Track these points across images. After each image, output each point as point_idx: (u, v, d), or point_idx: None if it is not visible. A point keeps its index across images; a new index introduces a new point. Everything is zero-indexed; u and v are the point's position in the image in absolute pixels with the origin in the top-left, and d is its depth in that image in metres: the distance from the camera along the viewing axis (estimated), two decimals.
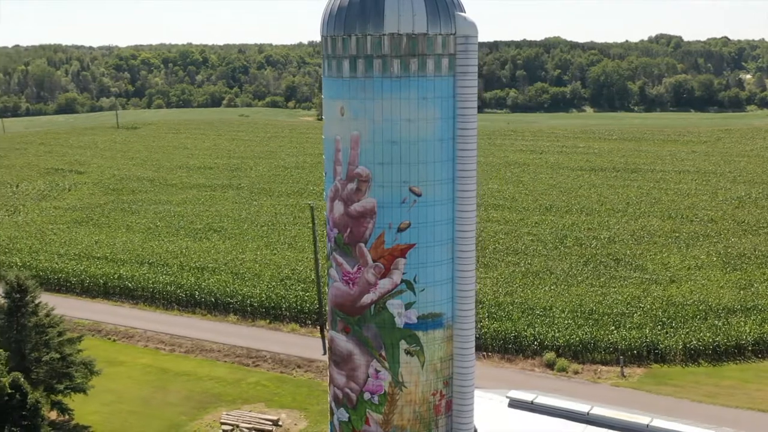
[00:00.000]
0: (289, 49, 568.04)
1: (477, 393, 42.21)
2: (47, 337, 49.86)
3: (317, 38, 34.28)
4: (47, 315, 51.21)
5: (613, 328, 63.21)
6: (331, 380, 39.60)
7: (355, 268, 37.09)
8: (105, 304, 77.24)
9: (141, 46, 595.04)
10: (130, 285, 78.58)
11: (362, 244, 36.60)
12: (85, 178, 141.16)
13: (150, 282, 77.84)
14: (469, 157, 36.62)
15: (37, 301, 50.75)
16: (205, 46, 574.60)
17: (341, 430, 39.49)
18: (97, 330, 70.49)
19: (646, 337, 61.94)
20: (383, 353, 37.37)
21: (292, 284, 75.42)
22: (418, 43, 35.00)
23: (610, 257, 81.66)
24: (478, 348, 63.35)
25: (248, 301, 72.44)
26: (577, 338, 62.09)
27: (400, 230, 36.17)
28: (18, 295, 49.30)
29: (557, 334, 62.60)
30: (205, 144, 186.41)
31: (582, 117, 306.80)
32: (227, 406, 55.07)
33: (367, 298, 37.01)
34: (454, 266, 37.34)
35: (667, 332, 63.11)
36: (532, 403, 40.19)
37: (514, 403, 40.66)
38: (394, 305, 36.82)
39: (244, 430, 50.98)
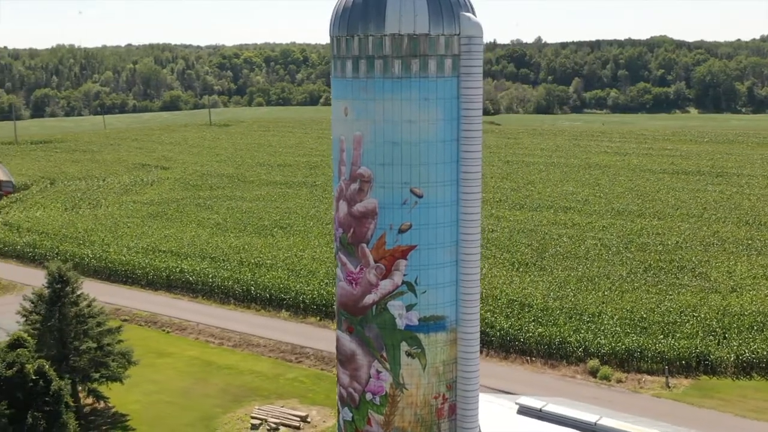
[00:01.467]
0: None
1: (486, 398, 41.82)
2: (86, 327, 51.71)
3: None
4: (88, 305, 53.09)
5: (662, 336, 61.29)
6: (338, 379, 39.82)
7: (358, 269, 37.19)
8: (166, 296, 79.42)
9: (246, 45, 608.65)
10: (191, 279, 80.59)
11: (364, 245, 36.67)
12: (169, 173, 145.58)
13: (209, 276, 79.64)
14: (473, 159, 36.18)
15: (78, 292, 52.67)
16: (307, 45, 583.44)
17: (345, 429, 39.67)
18: (153, 321, 72.61)
19: (697, 348, 59.81)
20: (384, 354, 37.36)
21: None
22: (420, 44, 34.80)
23: (673, 264, 79.11)
24: (522, 353, 62.72)
25: (300, 298, 73.28)
26: (624, 346, 60.44)
27: (401, 231, 36.08)
28: (59, 286, 51.31)
29: (603, 341, 61.11)
30: (291, 142, 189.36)
31: (683, 118, 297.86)
32: (262, 400, 55.93)
33: (369, 299, 37.05)
34: (458, 269, 37.08)
35: (719, 343, 60.80)
36: (540, 410, 39.42)
37: (523, 410, 39.95)
38: (395, 306, 36.75)
39: (272, 424, 51.69)
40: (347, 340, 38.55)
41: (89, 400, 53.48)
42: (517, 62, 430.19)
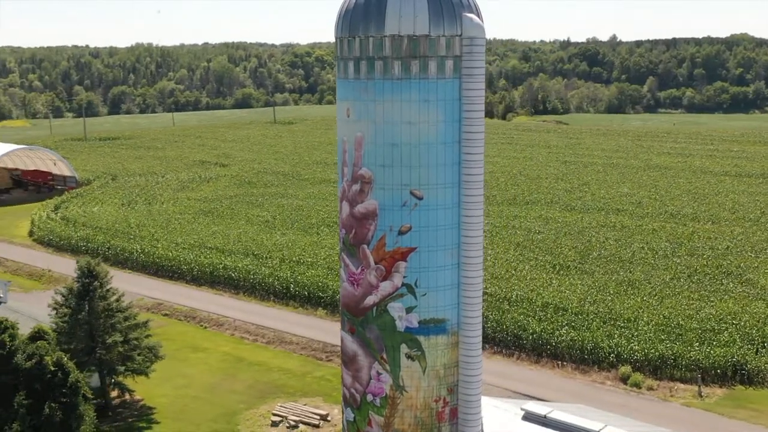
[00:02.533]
0: None
1: (492, 402, 41.42)
2: (114, 321, 52.86)
3: (487, 35, 33.96)
4: (117, 300, 54.27)
5: (697, 344, 59.63)
6: (342, 380, 39.89)
7: (359, 269, 37.25)
8: (208, 292, 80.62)
9: (319, 44, 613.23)
10: (233, 275, 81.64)
11: (365, 246, 36.71)
12: (226, 171, 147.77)
13: (251, 273, 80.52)
14: (475, 161, 35.98)
15: (107, 287, 53.88)
16: None
17: (348, 429, 39.75)
18: (192, 317, 73.81)
19: (733, 356, 58.05)
20: (384, 356, 37.32)
21: None
22: (420, 45, 34.64)
23: (720, 269, 76.87)
24: (554, 357, 61.79)
25: (337, 297, 73.45)
26: (657, 353, 59.01)
27: (401, 233, 36.00)
28: (87, 280, 52.60)
29: (636, 347, 59.79)
30: None
31: (761, 119, 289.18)
32: (286, 397, 56.33)
33: (370, 300, 37.10)
34: (460, 272, 36.76)
35: (757, 352, 58.89)
36: (545, 417, 38.83)
37: (528, 416, 39.39)
38: (395, 308, 36.70)
39: (292, 422, 52.05)
40: (349, 341, 38.63)
41: (114, 393, 54.71)
42: (590, 61, 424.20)
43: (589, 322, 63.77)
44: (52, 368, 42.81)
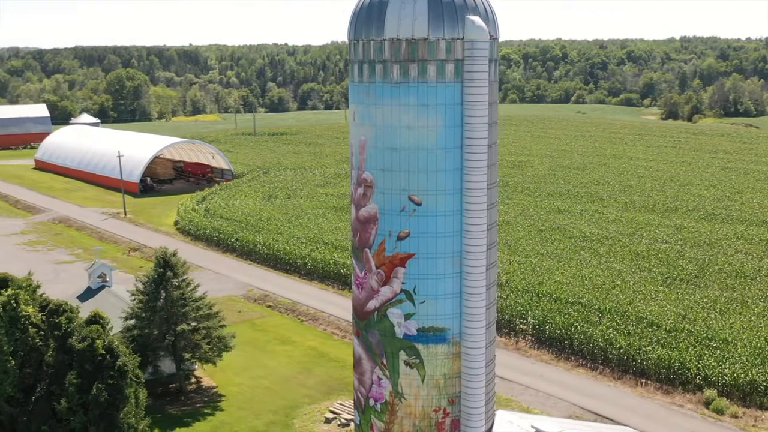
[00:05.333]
0: (655, 44, 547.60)
1: (507, 417, 40.07)
2: (185, 310, 55.39)
3: (687, 32, 33.24)
4: (193, 290, 56.81)
5: None
6: (353, 382, 39.92)
7: (363, 273, 37.20)
8: (315, 287, 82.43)
9: (510, 42, 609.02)
10: (342, 271, 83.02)
11: (368, 249, 36.64)
12: None
13: None
14: (477, 168, 34.98)
15: (183, 277, 56.49)
16: (570, 41, 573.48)
17: None
18: (292, 310, 75.81)
19: None
20: (384, 361, 37.04)
21: None
22: (418, 48, 34.11)
23: None
24: (638, 374, 58.57)
25: None
26: (749, 378, 54.73)
27: (399, 239, 35.66)
28: (162, 270, 55.37)
29: (726, 371, 55.70)
30: (507, 140, 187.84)
31: None
32: (349, 395, 56.80)
33: (371, 304, 37.04)
34: (462, 281, 35.84)
35: None
36: None
37: None
38: (394, 314, 36.43)
39: (344, 420, 52.51)
40: (356, 344, 38.69)
41: (197, 378, 57.63)
42: None
43: (681, 340, 60.00)
44: (102, 351, 45.40)
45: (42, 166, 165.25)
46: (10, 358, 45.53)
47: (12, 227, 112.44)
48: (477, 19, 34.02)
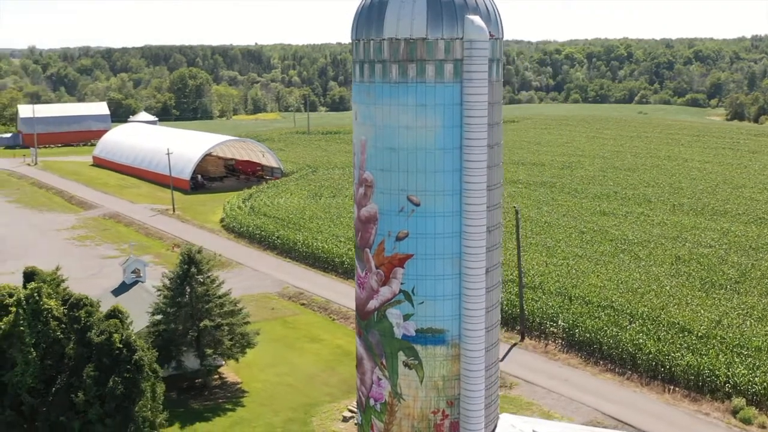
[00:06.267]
0: (724, 43, 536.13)
1: (510, 420, 39.64)
2: (208, 306, 56.11)
3: (758, 31, 32.70)
4: (217, 287, 57.53)
5: None
6: (356, 382, 39.95)
7: (364, 273, 37.23)
8: (349, 285, 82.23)
9: (576, 41, 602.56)
10: None
11: (368, 249, 36.67)
12: None
13: None
14: (476, 169, 34.73)
15: (207, 274, 57.22)
16: (636, 40, 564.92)
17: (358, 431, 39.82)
18: (325, 308, 76.13)
19: None
20: (384, 361, 37.01)
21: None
22: (417, 48, 34.00)
23: None
24: (666, 381, 57.33)
25: None
26: None
27: (398, 239, 35.60)
28: (186, 266, 56.19)
29: (757, 379, 54.20)
30: (561, 140, 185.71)
31: None
32: None
33: (372, 304, 37.10)
34: (461, 282, 35.59)
35: None
36: None
37: None
38: (393, 315, 36.41)
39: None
40: (358, 343, 38.76)
41: (223, 374, 58.36)
42: None
43: (712, 347, 58.58)
44: (119, 345, 46.28)
45: (99, 163, 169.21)
46: (32, 349, 46.78)
47: (64, 222, 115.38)
48: (476, 19, 33.75)
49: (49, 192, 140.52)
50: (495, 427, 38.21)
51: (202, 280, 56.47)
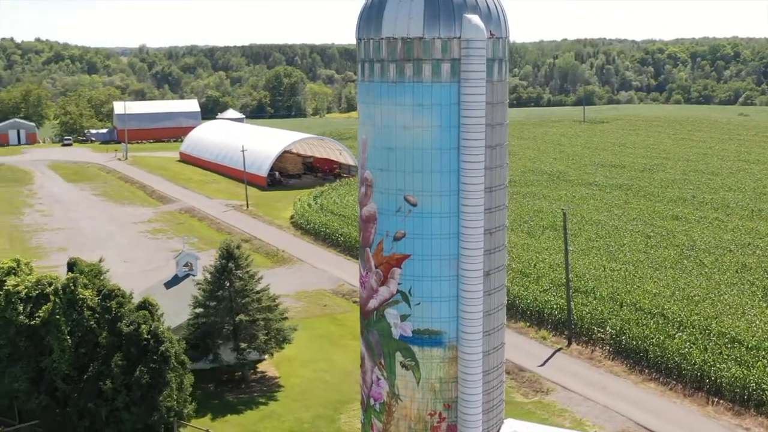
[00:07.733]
0: None
1: (510, 425, 38.97)
2: (245, 301, 57.08)
3: None
4: (256, 282, 58.45)
5: None
6: (360, 381, 39.99)
7: (365, 272, 37.25)
8: None
9: (682, 40, 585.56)
10: None
11: (368, 249, 36.68)
12: None
13: None
14: (473, 170, 34.28)
15: (246, 269, 58.17)
16: (745, 39, 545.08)
17: (361, 430, 39.81)
18: None
19: None
20: (382, 361, 36.93)
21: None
22: (414, 47, 33.80)
23: None
24: (711, 393, 55.26)
25: (515, 301, 71.27)
26: None
27: (395, 239, 35.50)
28: (225, 261, 57.27)
29: None
30: (647, 142, 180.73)
31: None
32: None
33: (371, 304, 37.12)
34: (459, 284, 35.19)
35: None
36: None
37: None
38: (391, 315, 36.34)
39: None
40: (361, 343, 38.71)
41: (263, 369, 59.53)
42: None
43: (761, 358, 56.21)
44: (147, 336, 47.65)
45: (185, 159, 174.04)
46: (68, 337, 48.62)
47: (142, 215, 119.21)
48: (474, 18, 33.29)
49: (133, 186, 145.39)
50: None
51: (240, 275, 57.44)
